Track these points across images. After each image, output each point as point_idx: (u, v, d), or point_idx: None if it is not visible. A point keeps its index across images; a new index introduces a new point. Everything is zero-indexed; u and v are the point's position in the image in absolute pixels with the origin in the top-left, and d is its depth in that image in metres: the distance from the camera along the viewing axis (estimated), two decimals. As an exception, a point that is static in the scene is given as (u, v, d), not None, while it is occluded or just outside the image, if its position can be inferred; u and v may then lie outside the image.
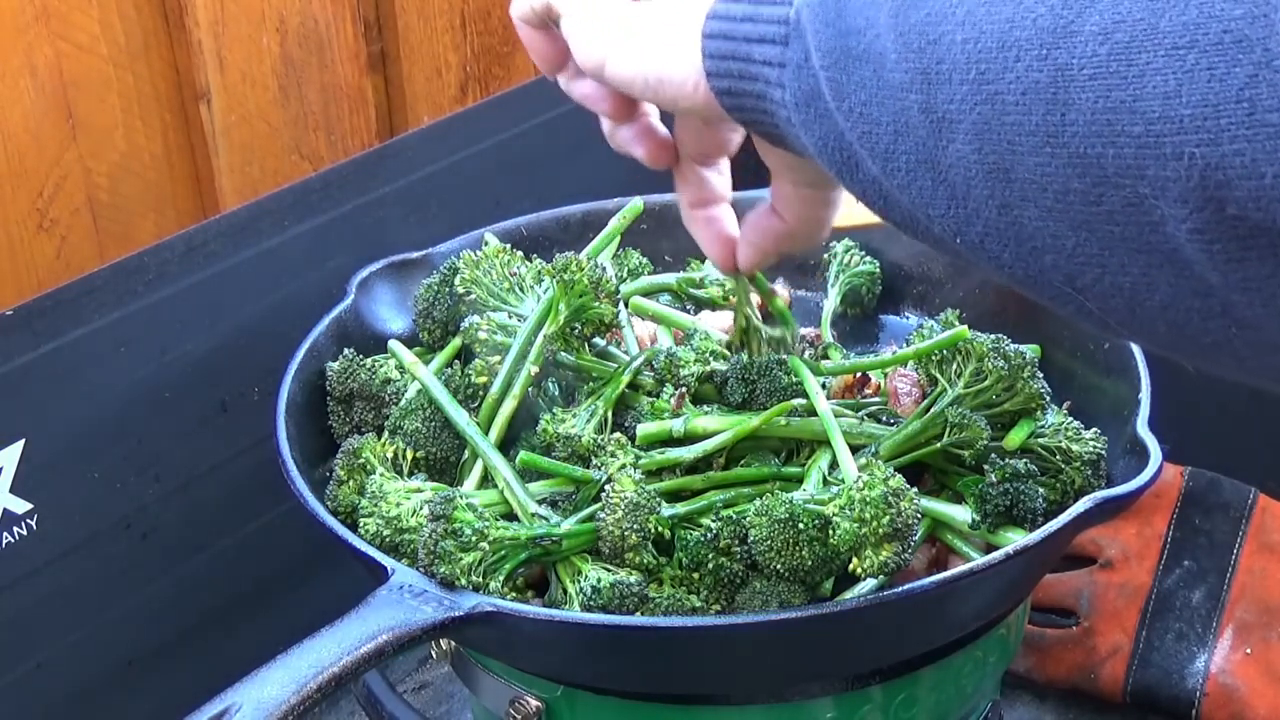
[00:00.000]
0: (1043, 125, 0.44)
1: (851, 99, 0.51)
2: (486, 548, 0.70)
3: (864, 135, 0.51)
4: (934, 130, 0.48)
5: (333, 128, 1.10)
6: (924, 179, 0.49)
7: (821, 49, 0.52)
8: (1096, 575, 1.04)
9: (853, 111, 0.51)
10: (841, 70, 0.51)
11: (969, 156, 0.47)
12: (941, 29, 0.48)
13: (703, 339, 0.85)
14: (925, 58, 0.48)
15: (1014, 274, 0.49)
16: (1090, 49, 0.43)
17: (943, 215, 0.50)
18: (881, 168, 0.51)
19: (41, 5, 0.90)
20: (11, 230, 0.92)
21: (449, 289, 0.87)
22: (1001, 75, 0.45)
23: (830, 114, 0.52)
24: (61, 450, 0.88)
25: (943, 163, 0.48)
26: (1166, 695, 1.01)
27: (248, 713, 0.60)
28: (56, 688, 0.91)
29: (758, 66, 0.56)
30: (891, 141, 0.50)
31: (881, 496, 0.68)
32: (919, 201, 0.50)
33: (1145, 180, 0.42)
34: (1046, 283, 0.48)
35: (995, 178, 0.46)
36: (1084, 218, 0.44)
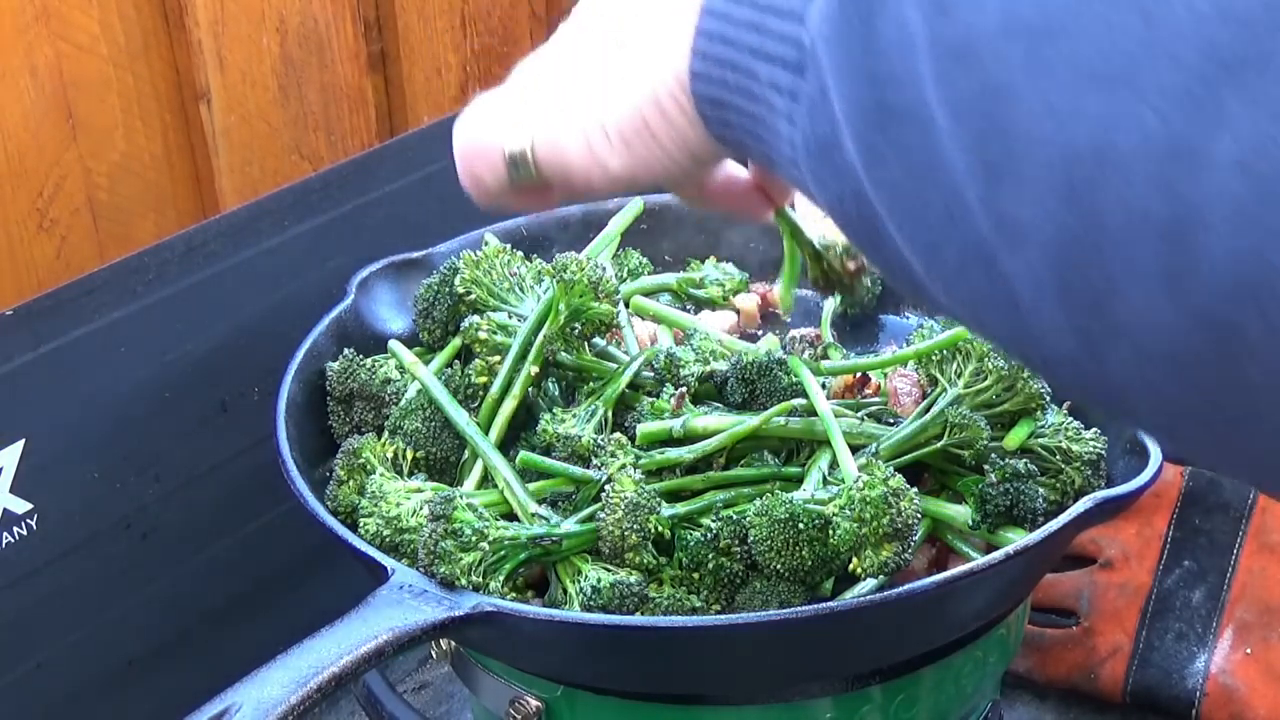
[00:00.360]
0: (1156, 265, 0.35)
1: (888, 169, 0.41)
2: (486, 548, 0.70)
3: (902, 215, 0.42)
4: (1000, 234, 0.38)
5: (333, 128, 1.10)
6: (977, 279, 0.40)
7: (846, 95, 0.42)
8: (1096, 575, 1.04)
9: (887, 182, 0.41)
10: (875, 129, 0.41)
11: (1043, 275, 0.38)
12: (1010, 116, 0.37)
13: (703, 339, 0.85)
14: (990, 148, 0.38)
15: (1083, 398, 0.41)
16: (1225, 184, 0.33)
17: (997, 321, 0.41)
18: (921, 257, 0.42)
19: (41, 5, 0.90)
20: (11, 230, 0.92)
21: (449, 289, 0.87)
22: (1099, 193, 0.36)
23: (853, 173, 0.43)
24: (61, 450, 0.88)
25: (1007, 271, 0.39)
26: (1166, 695, 1.01)
27: (248, 713, 0.60)
28: (56, 688, 0.91)
29: (761, 86, 0.46)
30: (940, 230, 0.40)
31: (881, 496, 0.68)
32: (965, 300, 0.41)
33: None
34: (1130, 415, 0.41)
35: (1079, 307, 0.37)
36: (1207, 382, 0.36)
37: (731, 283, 0.95)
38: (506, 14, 1.22)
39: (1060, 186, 0.36)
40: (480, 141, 0.58)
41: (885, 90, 0.40)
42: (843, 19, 0.42)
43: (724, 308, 0.95)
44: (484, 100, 0.60)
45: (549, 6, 1.27)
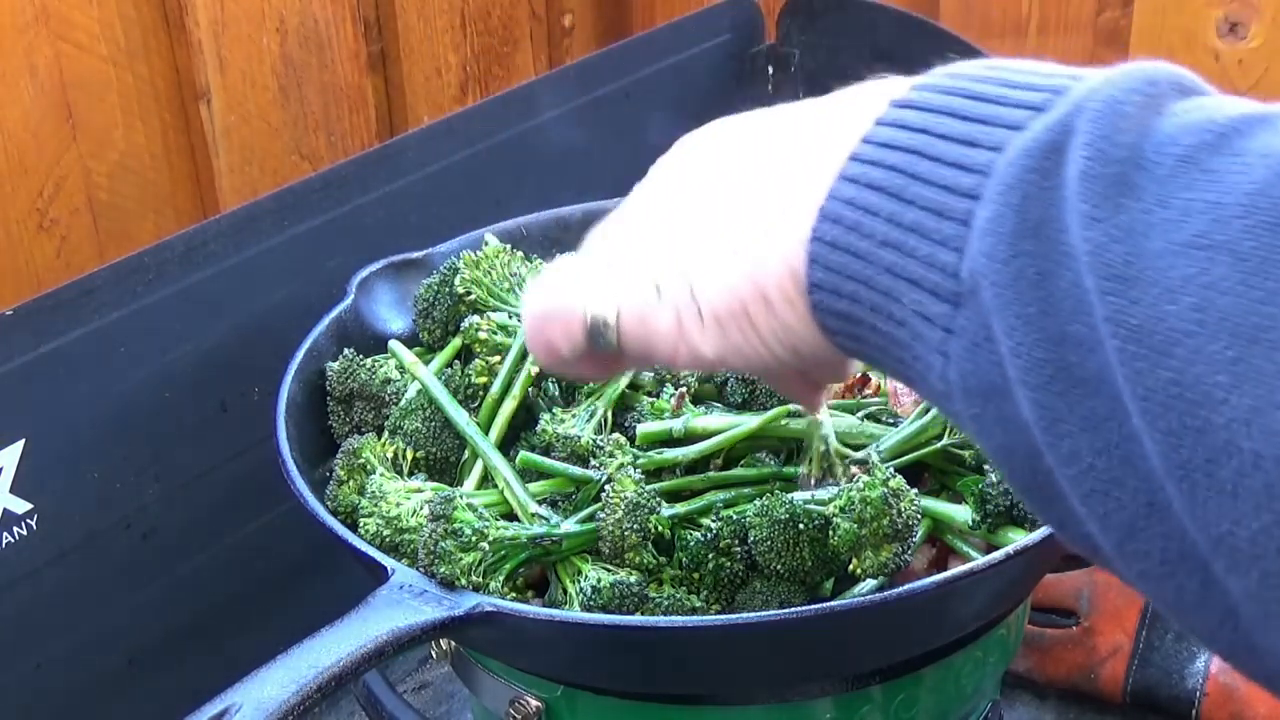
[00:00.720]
0: None
1: (1071, 438, 0.37)
2: (486, 548, 0.70)
3: (1087, 491, 0.38)
4: (1214, 549, 0.35)
5: (333, 128, 1.10)
6: (1183, 579, 0.36)
7: (1020, 349, 0.38)
8: (1096, 575, 1.04)
9: (1069, 452, 0.37)
10: (1056, 395, 0.37)
11: (1258, 592, 0.34)
12: (1210, 419, 0.34)
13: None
14: (1186, 447, 0.34)
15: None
16: None
17: (1208, 626, 0.37)
18: (1112, 540, 0.38)
19: (41, 5, 0.90)
20: (11, 230, 0.92)
21: (449, 289, 0.87)
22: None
23: (1026, 430, 0.39)
24: (61, 450, 0.88)
25: (1225, 584, 0.35)
26: (1166, 695, 1.01)
27: (248, 713, 0.60)
28: (56, 688, 0.91)
29: (905, 311, 0.41)
30: (1137, 521, 0.36)
31: (881, 497, 0.68)
32: (1168, 593, 0.37)
33: None
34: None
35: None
36: None
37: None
38: (506, 14, 1.22)
39: (1273, 505, 0.33)
40: (559, 305, 0.52)
41: (1068, 353, 0.37)
42: (1014, 266, 0.38)
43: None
44: (565, 263, 0.54)
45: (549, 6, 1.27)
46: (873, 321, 0.43)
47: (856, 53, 1.23)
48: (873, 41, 1.22)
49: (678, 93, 1.22)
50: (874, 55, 1.22)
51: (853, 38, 1.24)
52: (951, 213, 0.40)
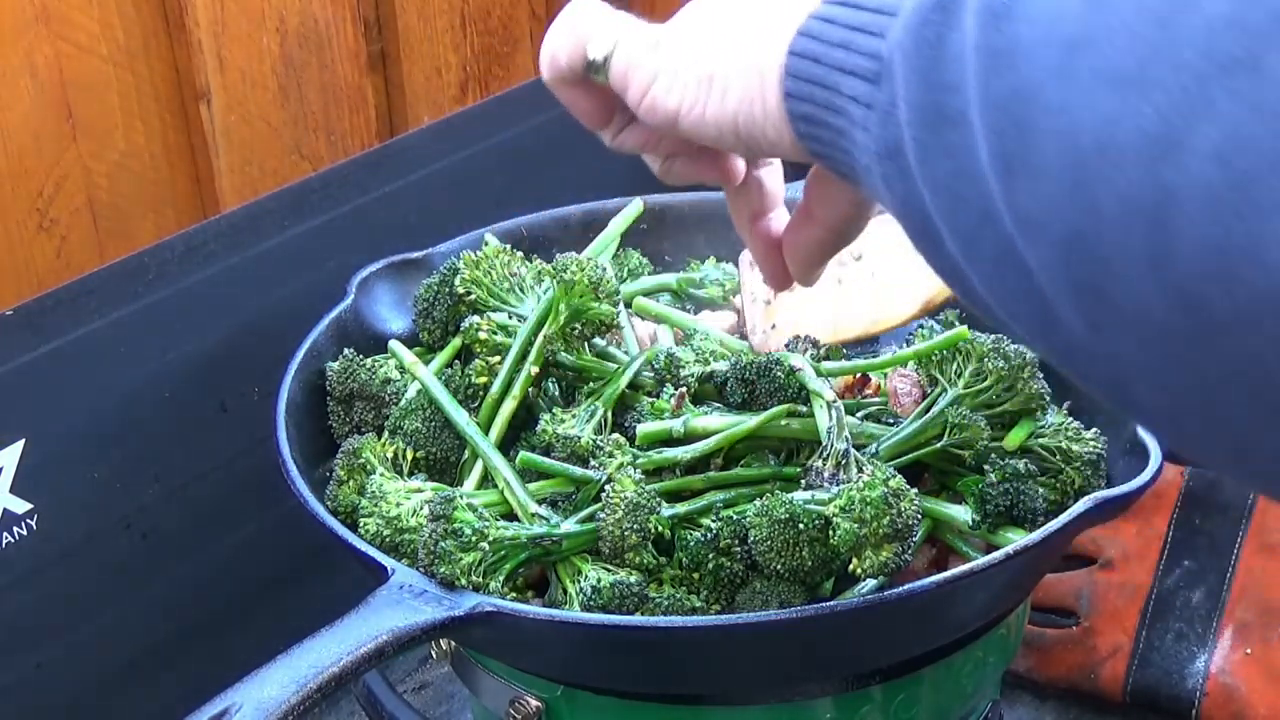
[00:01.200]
0: (1144, 250, 0.38)
1: (935, 168, 0.44)
2: (486, 548, 0.70)
3: (946, 212, 0.44)
4: (1020, 229, 0.41)
5: (333, 128, 1.10)
6: (1009, 277, 0.43)
7: (910, 100, 0.45)
8: (1096, 575, 1.04)
9: (935, 181, 0.45)
10: (929, 131, 0.44)
11: (1055, 267, 0.41)
12: (1029, 113, 0.40)
13: (703, 339, 0.85)
14: (1009, 144, 0.41)
15: (1101, 392, 0.43)
16: (1202, 172, 0.36)
17: (1028, 317, 0.43)
18: (963, 252, 0.45)
19: (41, 5, 0.90)
20: (11, 230, 0.92)
21: (449, 289, 0.87)
22: (1098, 184, 0.38)
23: (911, 175, 0.46)
24: (61, 450, 0.88)
25: (1028, 264, 0.41)
26: (1166, 695, 1.01)
27: (248, 713, 0.60)
28: (56, 688, 0.91)
29: (843, 100, 0.50)
30: (975, 228, 0.43)
31: (882, 497, 0.68)
32: (1002, 299, 0.44)
33: (1266, 338, 0.36)
34: (1137, 408, 0.42)
35: (1086, 296, 0.40)
36: (1190, 359, 0.38)
37: (731, 283, 0.95)
38: (506, 14, 1.22)
39: (1067, 181, 0.39)
40: (575, 24, 0.63)
41: (942, 95, 0.44)
42: (920, 32, 0.45)
43: (724, 308, 0.95)
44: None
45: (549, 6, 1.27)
46: (823, 117, 0.51)
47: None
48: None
49: (678, 93, 1.22)
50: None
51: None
52: (887, 9, 0.48)
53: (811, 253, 0.66)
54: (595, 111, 0.65)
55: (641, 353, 0.83)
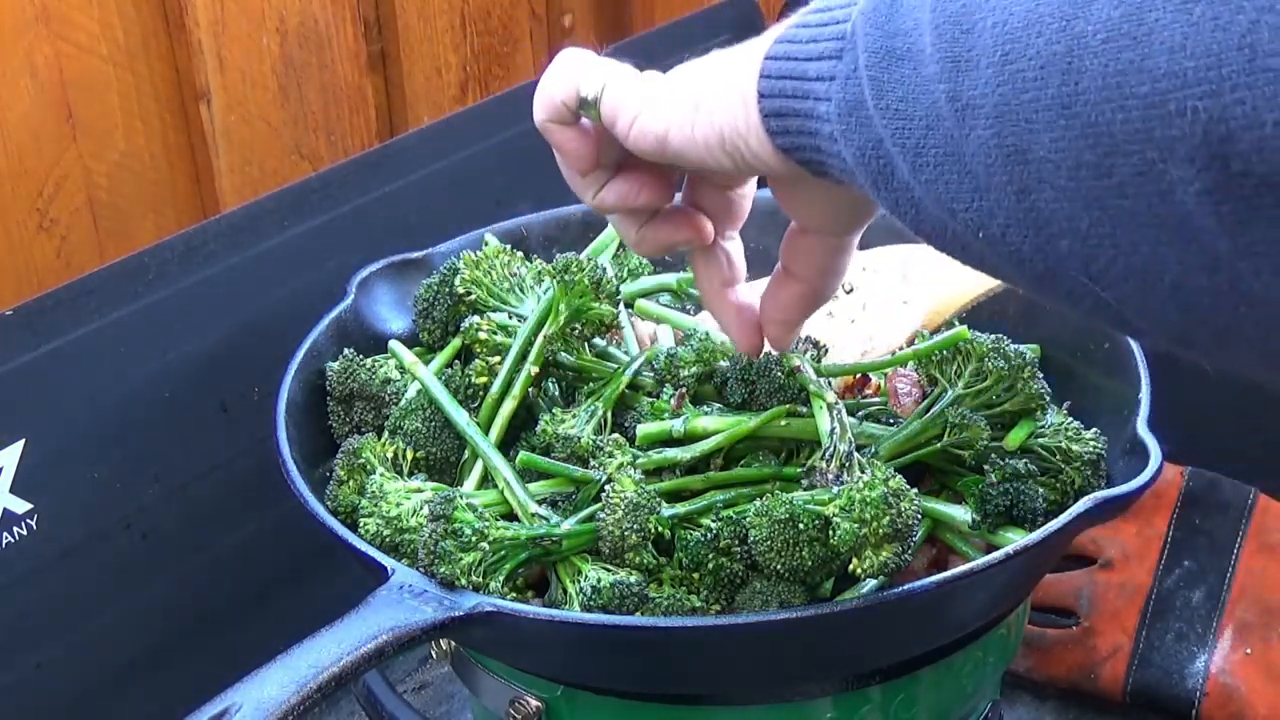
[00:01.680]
0: (1057, 97, 0.44)
1: (889, 96, 0.50)
2: (486, 548, 0.70)
3: (897, 132, 0.50)
4: (959, 118, 0.47)
5: (333, 128, 1.10)
6: (950, 172, 0.49)
7: (868, 51, 0.51)
8: (1096, 575, 1.04)
9: (889, 109, 0.51)
10: (884, 69, 0.51)
11: (989, 141, 0.46)
12: (975, 17, 0.47)
13: (703, 339, 0.85)
14: (957, 46, 0.47)
15: (1034, 269, 0.48)
16: (1104, 13, 0.42)
17: (966, 209, 0.49)
18: (911, 165, 0.50)
19: (41, 5, 0.90)
20: (11, 230, 0.92)
21: (449, 289, 0.87)
22: (1023, 52, 0.45)
23: (870, 120, 0.52)
24: (61, 450, 0.88)
25: (966, 151, 0.48)
26: (1166, 695, 1.01)
27: (248, 713, 0.60)
28: (56, 688, 0.91)
29: (810, 83, 0.55)
30: (922, 136, 0.49)
31: (881, 497, 0.68)
32: (944, 197, 0.49)
33: (1153, 143, 0.41)
34: (1064, 274, 0.47)
35: (1014, 160, 0.46)
36: (1096, 193, 0.44)
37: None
38: (506, 14, 1.22)
39: (999, 60, 0.46)
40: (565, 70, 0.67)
41: (895, 40, 0.50)
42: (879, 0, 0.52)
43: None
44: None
45: (549, 6, 1.27)
46: (791, 106, 0.56)
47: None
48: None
49: (678, 93, 1.22)
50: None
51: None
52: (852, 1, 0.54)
53: (791, 311, 0.71)
54: (583, 154, 0.68)
55: (641, 353, 0.83)
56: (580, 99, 0.66)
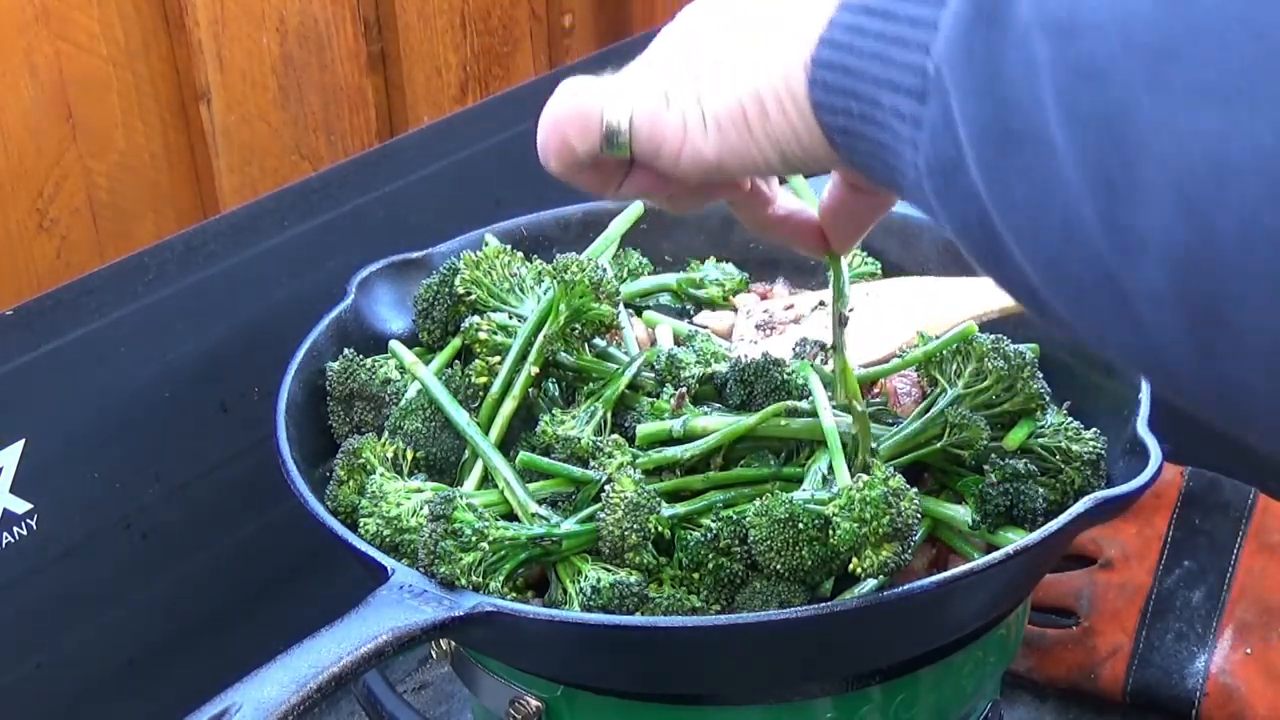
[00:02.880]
0: (1270, 273, 0.36)
1: (1009, 189, 0.43)
2: (486, 548, 0.70)
3: (1021, 233, 0.43)
4: (1117, 250, 0.39)
5: (333, 128, 1.10)
6: (1099, 298, 0.41)
7: (970, 119, 0.44)
8: (1096, 575, 1.04)
9: (1009, 202, 0.43)
10: (996, 151, 0.43)
11: (1162, 289, 0.39)
12: (1128, 130, 0.38)
13: (704, 340, 0.85)
14: (1108, 161, 0.39)
15: (1208, 412, 0.42)
16: None
17: (1120, 340, 0.42)
18: (1042, 275, 0.43)
19: (41, 5, 0.90)
20: (11, 230, 0.92)
21: (449, 289, 0.87)
22: (1215, 206, 0.37)
23: (976, 195, 0.44)
24: (61, 450, 0.88)
25: (1126, 286, 0.40)
26: (1166, 695, 1.01)
27: (248, 713, 0.60)
28: (56, 688, 0.91)
29: (885, 114, 0.48)
30: (1059, 249, 0.41)
31: (881, 496, 0.68)
32: (1089, 319, 0.42)
33: None
34: (1254, 430, 0.41)
35: (1200, 320, 0.38)
36: None
37: (731, 283, 0.95)
38: (506, 14, 1.22)
39: (1178, 200, 0.37)
40: (580, 106, 0.59)
41: (1010, 115, 0.42)
42: (968, 46, 0.43)
43: (724, 308, 0.95)
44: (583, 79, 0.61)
45: (549, 6, 1.27)
46: (861, 129, 0.50)
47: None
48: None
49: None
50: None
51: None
52: (925, 21, 0.46)
53: (858, 219, 0.67)
54: (603, 180, 0.62)
55: (641, 353, 0.83)
56: (605, 138, 0.58)
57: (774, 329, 0.90)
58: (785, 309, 0.92)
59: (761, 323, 0.91)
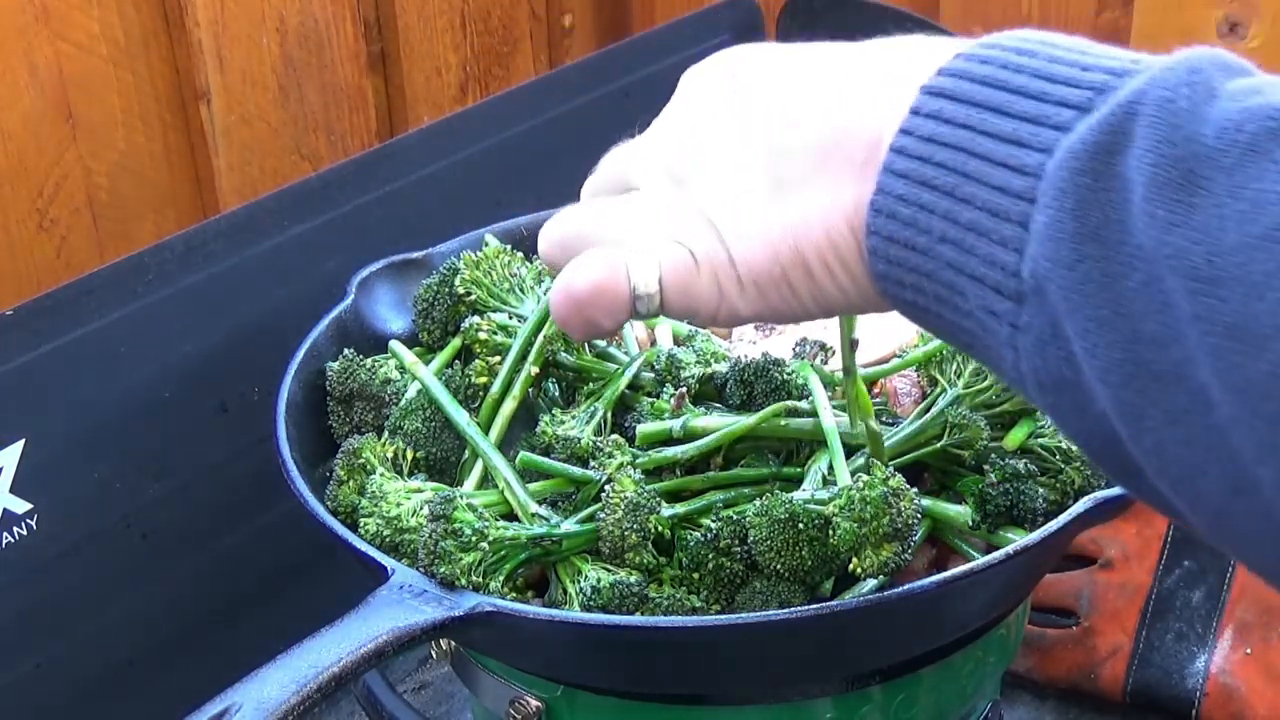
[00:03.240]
0: None
1: (1158, 435, 0.39)
2: (486, 548, 0.70)
3: (1175, 480, 0.39)
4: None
5: (333, 128, 1.10)
6: (1268, 545, 0.39)
7: (1094, 351, 0.39)
8: (1096, 575, 1.04)
9: (1154, 443, 0.39)
10: (1136, 391, 0.38)
11: None
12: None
13: (704, 340, 0.85)
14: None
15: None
16: None
17: (1276, 560, 0.39)
18: (1199, 519, 0.40)
19: (41, 5, 0.90)
20: (11, 230, 0.92)
21: (449, 289, 0.87)
22: None
23: (1105, 422, 0.40)
24: (61, 450, 0.88)
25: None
26: (1166, 695, 1.01)
27: (248, 713, 0.60)
28: (56, 688, 0.91)
29: (970, 304, 0.43)
30: (1224, 503, 0.38)
31: (881, 496, 0.68)
32: (1240, 542, 0.40)
33: None
34: None
35: None
36: None
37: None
38: (506, 14, 1.22)
39: None
40: (603, 284, 0.51)
41: (1147, 355, 0.38)
42: (1078, 268, 0.39)
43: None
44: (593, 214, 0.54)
45: (549, 6, 1.27)
46: (938, 310, 0.45)
47: (856, 53, 1.23)
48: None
49: (678, 93, 1.22)
50: (874, 55, 1.22)
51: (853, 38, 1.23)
52: (1007, 215, 0.41)
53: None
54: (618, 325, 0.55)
55: (641, 353, 0.83)
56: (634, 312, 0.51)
57: (774, 329, 0.90)
58: None
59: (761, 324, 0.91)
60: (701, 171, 0.50)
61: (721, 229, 0.49)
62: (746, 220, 0.49)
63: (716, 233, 0.49)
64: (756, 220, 0.48)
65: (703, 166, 0.50)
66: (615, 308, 0.51)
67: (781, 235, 0.48)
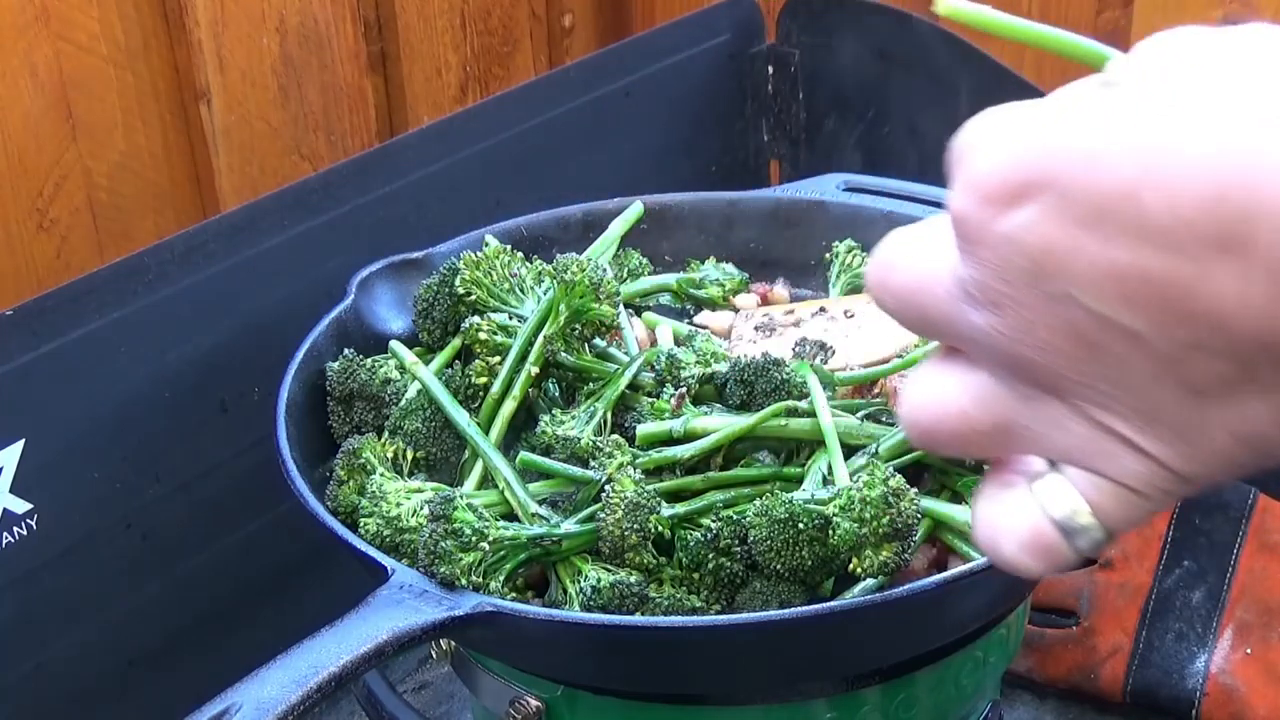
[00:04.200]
0: None
1: None
2: (486, 548, 0.70)
3: None
4: None
5: (333, 128, 1.10)
6: None
7: None
8: (1096, 575, 1.04)
9: None
10: None
11: None
12: None
13: (703, 341, 0.85)
14: None
15: None
16: None
17: None
18: None
19: (41, 5, 0.90)
20: (11, 230, 0.92)
21: (449, 289, 0.87)
22: None
23: None
24: (61, 450, 0.88)
25: None
26: (1166, 695, 1.01)
27: (248, 713, 0.60)
28: (56, 688, 0.91)
29: None
30: None
31: (881, 496, 0.68)
32: None
33: None
34: None
35: None
36: None
37: (731, 283, 0.95)
38: (506, 14, 1.22)
39: None
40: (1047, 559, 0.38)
41: None
42: None
43: (724, 308, 0.95)
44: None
45: (549, 6, 1.27)
46: None
47: (856, 53, 1.23)
48: (873, 41, 1.22)
49: (678, 93, 1.22)
50: (874, 55, 1.22)
51: (853, 38, 1.24)
52: None
53: None
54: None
55: (641, 353, 0.83)
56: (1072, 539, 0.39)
57: (774, 330, 0.90)
58: (785, 314, 0.92)
59: (761, 324, 0.91)
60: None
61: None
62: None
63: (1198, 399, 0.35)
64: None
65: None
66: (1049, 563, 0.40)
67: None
